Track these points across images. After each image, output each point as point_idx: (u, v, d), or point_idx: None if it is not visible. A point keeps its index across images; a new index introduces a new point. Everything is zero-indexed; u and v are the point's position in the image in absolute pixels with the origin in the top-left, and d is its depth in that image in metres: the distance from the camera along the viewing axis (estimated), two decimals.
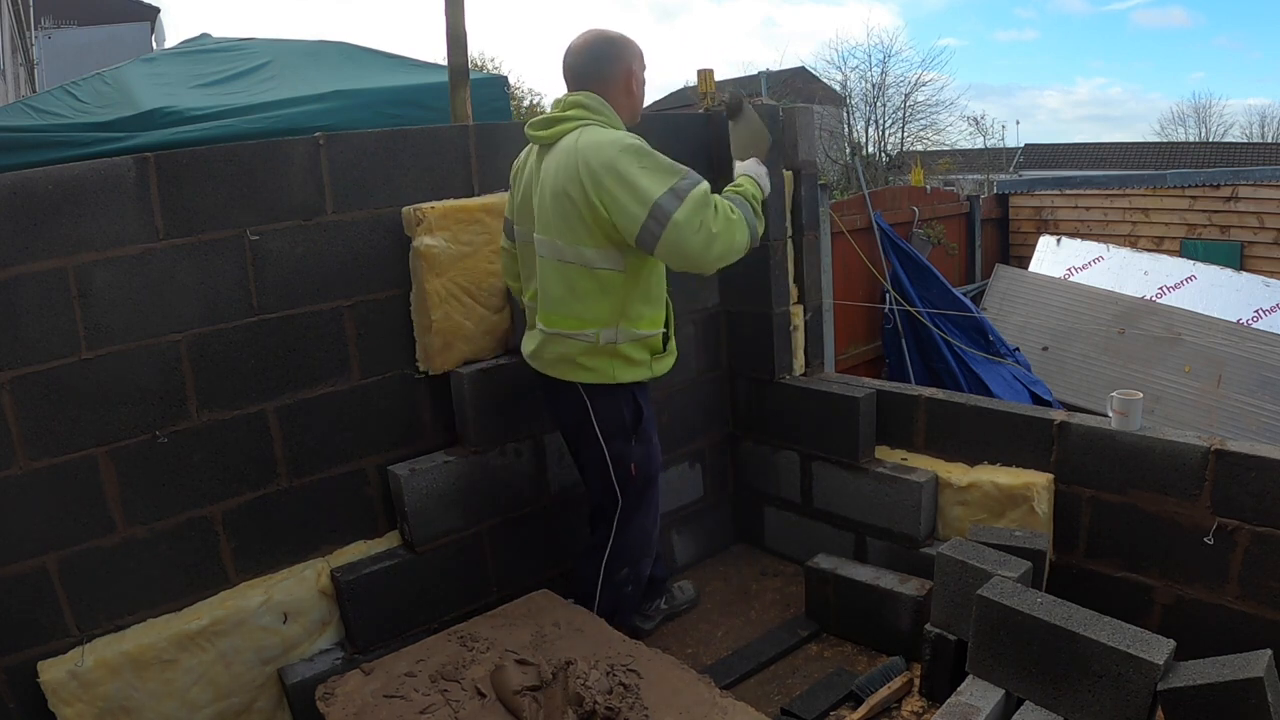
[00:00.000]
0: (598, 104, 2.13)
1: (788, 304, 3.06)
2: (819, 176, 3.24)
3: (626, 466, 2.32)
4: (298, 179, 2.34)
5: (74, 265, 2.04)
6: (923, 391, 2.86)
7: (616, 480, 2.33)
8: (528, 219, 2.23)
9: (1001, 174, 18.68)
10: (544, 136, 2.14)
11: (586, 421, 2.28)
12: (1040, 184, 10.30)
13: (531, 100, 20.58)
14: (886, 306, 7.21)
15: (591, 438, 2.30)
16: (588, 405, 2.26)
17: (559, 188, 2.05)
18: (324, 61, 4.78)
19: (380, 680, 2.06)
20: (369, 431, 2.53)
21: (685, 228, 1.93)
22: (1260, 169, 8.45)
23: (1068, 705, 1.92)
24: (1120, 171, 17.32)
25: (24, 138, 3.72)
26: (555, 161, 2.08)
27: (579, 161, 2.00)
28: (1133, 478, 2.37)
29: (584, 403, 2.26)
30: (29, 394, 2.01)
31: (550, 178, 2.09)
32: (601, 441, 2.29)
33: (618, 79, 2.17)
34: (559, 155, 2.07)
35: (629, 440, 2.31)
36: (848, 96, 22.74)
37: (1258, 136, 32.09)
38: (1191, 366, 7.03)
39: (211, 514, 2.30)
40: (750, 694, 2.45)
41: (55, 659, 2.07)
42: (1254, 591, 2.19)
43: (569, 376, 2.24)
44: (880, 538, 2.83)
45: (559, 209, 2.06)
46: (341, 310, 2.45)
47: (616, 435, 2.29)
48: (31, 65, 13.62)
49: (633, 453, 2.32)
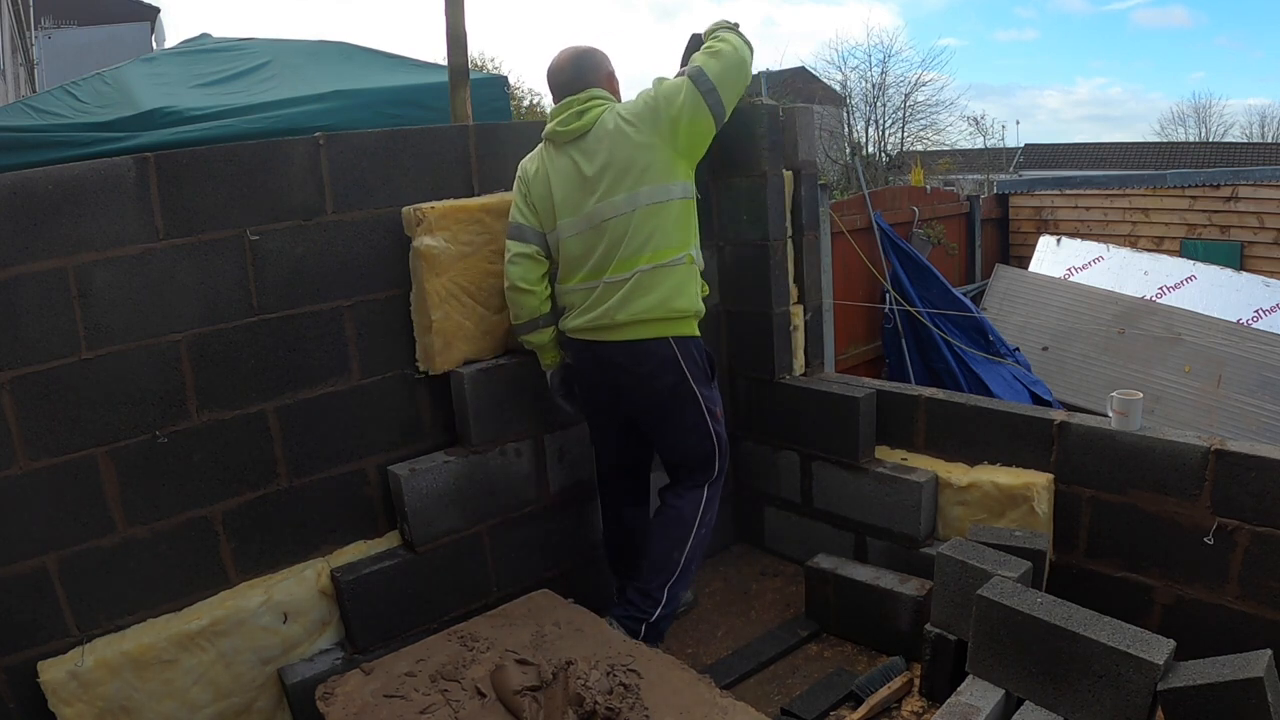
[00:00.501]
0: (606, 94, 2.43)
1: (788, 304, 3.06)
2: (819, 176, 3.24)
3: (714, 411, 2.49)
4: (298, 179, 2.34)
5: (74, 265, 2.04)
6: (923, 391, 2.86)
7: (711, 424, 2.47)
8: (572, 208, 2.38)
9: (1001, 174, 18.69)
10: (580, 126, 2.36)
11: (681, 378, 2.39)
12: (1040, 184, 10.30)
13: (531, 100, 20.56)
14: (886, 306, 7.20)
15: (689, 394, 2.42)
16: (679, 358, 2.38)
17: (627, 139, 2.30)
18: (324, 61, 4.78)
19: (380, 680, 2.07)
20: (369, 431, 2.53)
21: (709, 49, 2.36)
22: (1260, 169, 8.45)
23: (1068, 705, 1.92)
24: (1120, 171, 17.33)
25: (24, 138, 3.72)
26: (606, 131, 2.33)
27: (635, 114, 2.32)
28: (1133, 478, 2.37)
29: (676, 359, 2.38)
30: (29, 394, 2.01)
31: (612, 142, 2.32)
32: (698, 393, 2.42)
33: (603, 81, 2.46)
34: (607, 130, 2.33)
35: (710, 384, 2.49)
36: (848, 96, 22.74)
37: (1258, 136, 32.16)
38: (1191, 366, 7.03)
39: (211, 514, 2.30)
40: (750, 694, 2.45)
41: (55, 659, 2.07)
42: (1254, 591, 2.19)
43: (660, 333, 2.36)
44: (880, 538, 2.83)
45: (638, 157, 2.30)
46: (341, 310, 2.45)
47: (703, 381, 2.45)
48: (31, 65, 13.62)
49: (715, 396, 2.51)
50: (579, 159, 2.36)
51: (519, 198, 2.49)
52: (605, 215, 2.33)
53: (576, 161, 2.36)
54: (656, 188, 2.32)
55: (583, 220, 2.37)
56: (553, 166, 2.41)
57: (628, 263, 2.33)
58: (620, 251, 2.33)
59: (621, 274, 2.33)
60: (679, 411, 2.44)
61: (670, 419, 2.47)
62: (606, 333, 2.39)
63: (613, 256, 2.34)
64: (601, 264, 2.36)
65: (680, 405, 2.43)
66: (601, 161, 2.33)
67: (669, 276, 2.34)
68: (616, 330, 2.37)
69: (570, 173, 2.38)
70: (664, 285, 2.34)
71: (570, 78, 2.42)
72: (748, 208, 2.97)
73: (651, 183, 2.31)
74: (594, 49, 2.48)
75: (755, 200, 2.94)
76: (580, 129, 2.36)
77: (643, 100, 2.35)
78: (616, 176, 2.31)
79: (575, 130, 2.36)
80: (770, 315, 3.01)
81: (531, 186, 2.46)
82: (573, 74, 2.42)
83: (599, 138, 2.34)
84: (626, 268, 2.33)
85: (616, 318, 2.35)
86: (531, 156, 2.51)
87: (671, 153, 2.32)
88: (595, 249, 2.36)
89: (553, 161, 2.42)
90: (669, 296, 2.35)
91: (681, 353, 2.39)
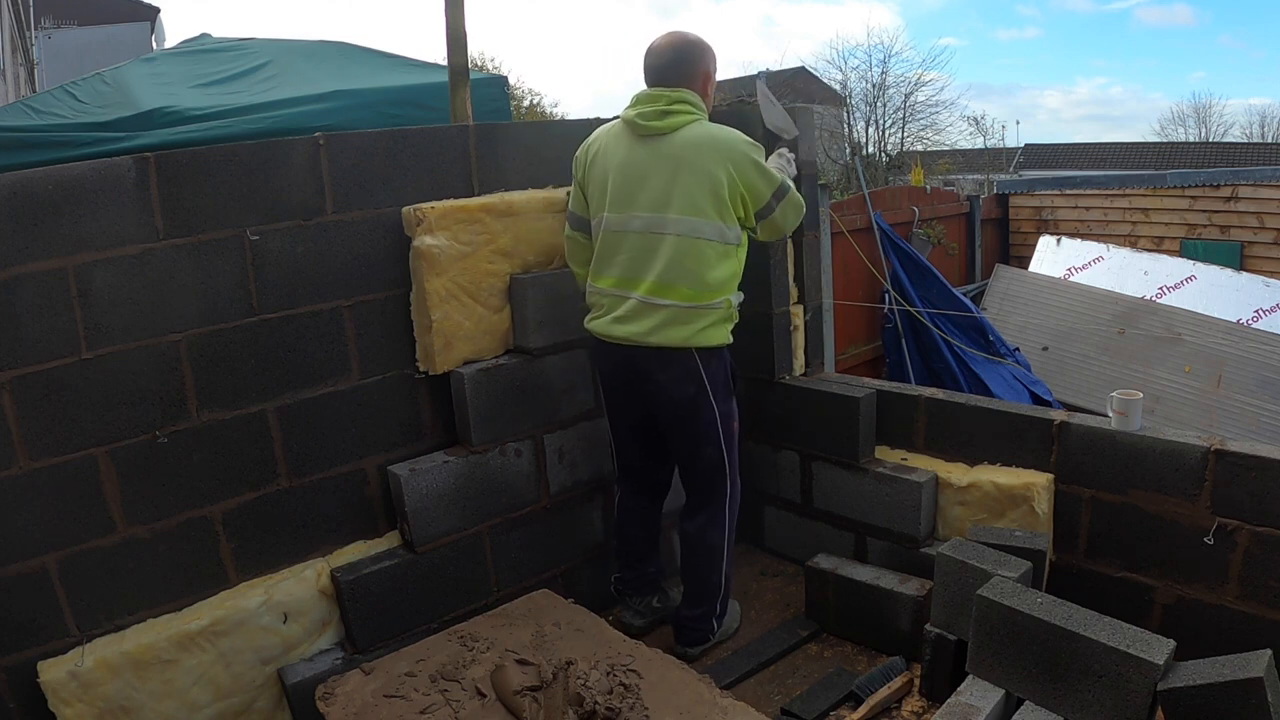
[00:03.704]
0: (698, 101, 2.35)
1: (788, 304, 3.06)
2: (819, 176, 3.24)
3: (730, 425, 2.50)
4: (298, 179, 2.34)
5: (74, 265, 2.04)
6: (923, 391, 2.86)
7: (724, 439, 2.47)
8: (622, 203, 2.33)
9: (1001, 174, 18.69)
10: (661, 127, 2.29)
11: (701, 389, 2.39)
12: (1040, 184, 10.30)
13: (532, 100, 20.59)
14: (886, 306, 7.20)
15: (706, 404, 2.42)
16: (701, 371, 2.38)
17: (703, 170, 2.26)
18: (324, 61, 4.78)
19: (380, 680, 2.07)
20: (369, 431, 2.53)
21: (788, 206, 2.39)
22: (1260, 169, 8.44)
23: (1068, 705, 1.92)
24: (1120, 171, 17.34)
25: (24, 138, 3.72)
26: (684, 148, 2.27)
27: (723, 151, 2.27)
28: (1133, 478, 2.37)
29: (698, 369, 2.38)
30: (29, 394, 2.01)
31: (683, 162, 2.27)
32: (714, 404, 2.42)
33: (698, 79, 2.37)
34: (688, 143, 2.28)
35: (730, 399, 2.50)
36: (848, 96, 22.76)
37: (1258, 136, 32.16)
38: (1191, 366, 7.03)
39: (211, 514, 2.30)
40: (750, 694, 2.45)
41: (55, 659, 2.07)
42: (1254, 591, 2.19)
43: (688, 343, 2.35)
44: (880, 538, 2.83)
45: (702, 189, 2.26)
46: (341, 310, 2.45)
47: (723, 394, 2.45)
48: (31, 65, 13.61)
49: (734, 410, 2.52)
50: (648, 158, 2.30)
51: (574, 182, 2.51)
52: (653, 227, 2.29)
53: (645, 159, 2.30)
54: (708, 224, 2.29)
55: (630, 219, 2.33)
56: (621, 152, 2.35)
57: (665, 290, 2.30)
58: (657, 271, 2.30)
59: (657, 299, 2.31)
60: (694, 421, 2.44)
61: (686, 428, 2.46)
62: (631, 336, 2.37)
63: (648, 272, 2.31)
64: (634, 274, 2.34)
65: (696, 415, 2.43)
66: (668, 173, 2.27)
67: (704, 317, 2.34)
68: (640, 335, 2.35)
69: (635, 167, 2.32)
70: (698, 322, 2.34)
71: (665, 65, 2.34)
72: None
73: (703, 217, 2.28)
74: (700, 42, 2.38)
75: None
76: (660, 130, 2.29)
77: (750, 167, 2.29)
78: (676, 195, 2.27)
79: (654, 129, 2.29)
80: (770, 315, 3.01)
81: (590, 169, 2.42)
82: (670, 63, 2.34)
83: (678, 148, 2.27)
84: (663, 294, 2.30)
85: (649, 340, 2.34)
86: (599, 133, 2.45)
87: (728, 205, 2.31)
88: (633, 255, 2.33)
89: (621, 147, 2.35)
90: (701, 330, 2.35)
91: (704, 364, 2.38)
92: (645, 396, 2.47)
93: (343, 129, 3.10)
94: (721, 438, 2.47)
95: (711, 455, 2.48)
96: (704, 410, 2.42)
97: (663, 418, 2.49)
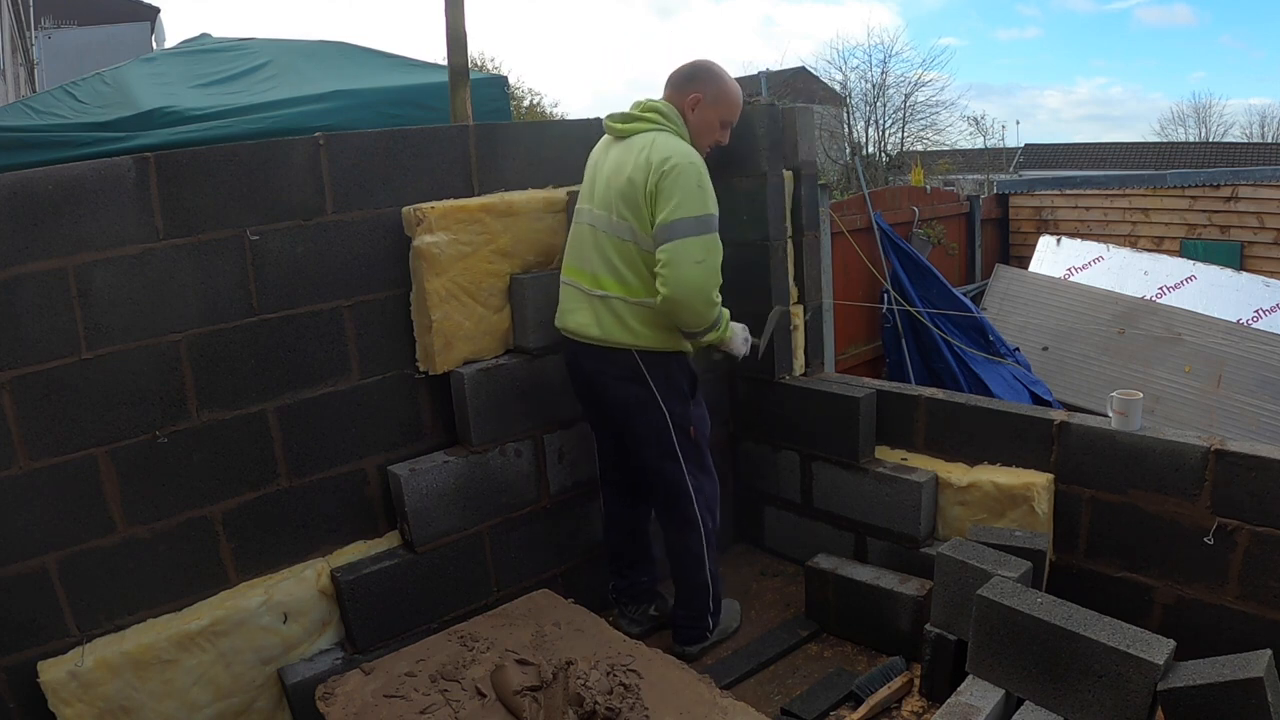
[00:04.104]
0: (672, 113, 2.41)
1: (788, 304, 3.06)
2: (819, 176, 3.24)
3: (686, 427, 2.45)
4: (298, 179, 2.34)
5: (74, 265, 2.04)
6: (923, 391, 2.86)
7: (678, 443, 2.44)
8: (591, 197, 2.44)
9: (1001, 174, 18.68)
10: (621, 130, 2.41)
11: (646, 389, 2.39)
12: (1040, 184, 10.29)
13: (532, 100, 20.59)
14: (886, 306, 7.20)
15: (654, 405, 2.40)
16: (645, 371, 2.38)
17: (630, 174, 2.30)
18: (324, 61, 4.77)
19: (380, 680, 2.07)
20: (369, 431, 2.53)
21: (689, 249, 2.22)
22: (1260, 169, 8.44)
23: (1068, 705, 1.92)
24: (1120, 171, 17.33)
25: (24, 138, 3.71)
26: (629, 153, 2.34)
27: (651, 155, 2.28)
28: (1133, 478, 2.37)
29: (639, 368, 2.38)
30: (29, 394, 2.01)
31: (623, 165, 2.33)
32: (664, 406, 2.41)
33: (685, 98, 2.43)
34: (633, 148, 2.34)
35: (685, 402, 2.46)
36: (848, 96, 22.72)
37: (1258, 136, 32.16)
38: (1191, 366, 7.03)
39: (211, 514, 2.30)
40: (750, 694, 2.45)
41: (55, 659, 2.07)
42: (1254, 591, 2.19)
43: (626, 342, 2.35)
44: (880, 538, 2.83)
45: (626, 193, 2.30)
46: (341, 310, 2.45)
47: (675, 397, 2.43)
48: (31, 65, 13.60)
49: (691, 413, 2.48)
50: (611, 159, 2.42)
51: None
52: (597, 223, 2.39)
53: (608, 159, 2.42)
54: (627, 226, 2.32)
55: (588, 213, 2.44)
56: (600, 152, 2.50)
57: (599, 281, 2.38)
58: (594, 263, 2.39)
59: (595, 290, 2.38)
60: (642, 422, 2.43)
61: (636, 429, 2.46)
62: (584, 330, 2.41)
63: (590, 264, 2.40)
64: (582, 265, 2.43)
65: (644, 416, 2.42)
66: (613, 173, 2.37)
67: (639, 314, 2.35)
68: (590, 329, 2.39)
69: (600, 166, 2.45)
70: (634, 321, 2.35)
71: (668, 81, 2.47)
72: (747, 208, 2.97)
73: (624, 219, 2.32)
74: (710, 70, 2.44)
75: (755, 200, 2.94)
76: (620, 133, 2.42)
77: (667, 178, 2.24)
78: (612, 194, 2.35)
79: (617, 131, 2.43)
80: None
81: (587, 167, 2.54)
82: (670, 80, 2.47)
83: (629, 153, 2.35)
84: (598, 285, 2.38)
85: (592, 333, 2.39)
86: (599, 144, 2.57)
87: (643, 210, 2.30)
88: (583, 248, 2.43)
89: (603, 148, 2.50)
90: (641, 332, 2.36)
91: (646, 363, 2.38)
92: (597, 391, 2.48)
93: (343, 129, 3.10)
94: (675, 441, 2.44)
95: (663, 458, 2.46)
96: (651, 411, 2.41)
97: (614, 416, 2.51)
